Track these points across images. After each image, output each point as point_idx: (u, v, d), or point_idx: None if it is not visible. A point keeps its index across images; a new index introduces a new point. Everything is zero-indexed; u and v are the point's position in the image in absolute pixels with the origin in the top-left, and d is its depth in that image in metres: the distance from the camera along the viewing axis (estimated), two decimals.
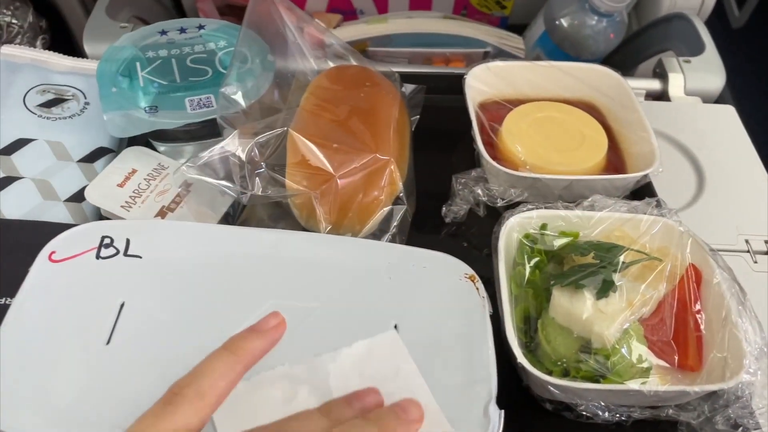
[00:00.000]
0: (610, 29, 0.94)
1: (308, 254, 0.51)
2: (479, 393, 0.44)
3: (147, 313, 0.46)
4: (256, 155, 0.53)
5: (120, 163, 0.59)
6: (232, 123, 0.55)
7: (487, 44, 0.98)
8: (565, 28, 0.94)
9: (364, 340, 0.42)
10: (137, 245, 0.49)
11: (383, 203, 0.57)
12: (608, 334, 0.47)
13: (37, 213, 0.58)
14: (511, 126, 0.65)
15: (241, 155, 0.53)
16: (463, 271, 0.51)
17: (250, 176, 0.52)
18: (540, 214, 0.55)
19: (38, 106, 0.67)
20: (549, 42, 0.98)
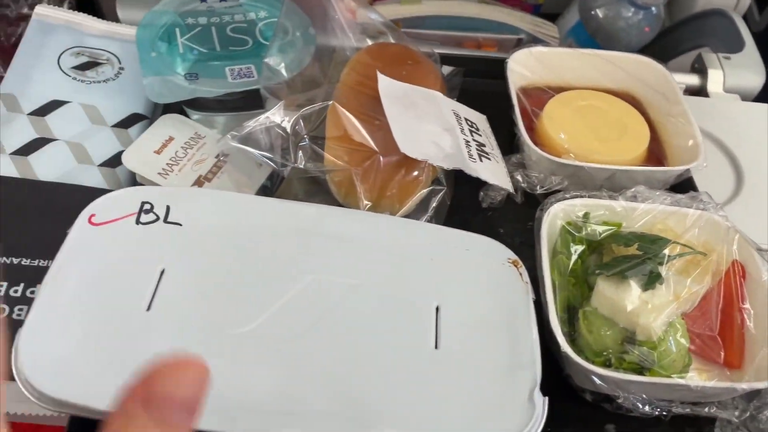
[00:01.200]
0: (645, 22, 0.93)
1: (349, 230, 0.50)
2: (524, 379, 0.43)
3: (187, 280, 0.45)
4: (300, 128, 0.52)
5: (157, 130, 0.58)
6: (276, 94, 0.54)
7: (520, 31, 0.97)
8: (600, 18, 0.93)
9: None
10: (177, 212, 0.48)
11: (423, 184, 0.56)
12: (655, 325, 0.46)
13: (71, 176, 0.57)
14: (553, 112, 0.64)
15: (285, 127, 0.52)
16: (507, 256, 0.50)
17: (293, 149, 0.51)
18: (584, 202, 0.54)
19: (72, 68, 0.66)
20: (583, 32, 0.96)
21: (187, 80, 0.58)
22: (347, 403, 0.41)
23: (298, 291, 0.46)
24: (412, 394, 0.42)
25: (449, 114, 0.60)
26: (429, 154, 0.54)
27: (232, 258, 0.47)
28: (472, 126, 0.61)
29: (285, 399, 0.40)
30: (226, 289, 0.45)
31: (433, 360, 0.44)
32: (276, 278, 0.46)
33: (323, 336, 0.44)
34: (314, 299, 0.46)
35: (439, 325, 0.46)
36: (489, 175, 0.56)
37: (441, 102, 0.60)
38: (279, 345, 0.43)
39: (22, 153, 0.58)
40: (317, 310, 0.45)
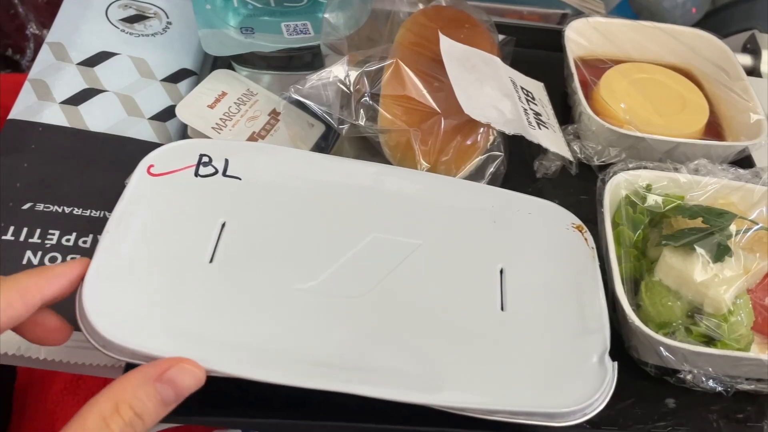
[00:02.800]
0: (691, 3, 0.91)
1: (410, 190, 0.49)
2: (594, 343, 0.42)
3: (249, 234, 0.44)
4: (363, 84, 0.51)
5: (210, 84, 0.57)
6: (338, 49, 0.52)
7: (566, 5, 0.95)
8: None
9: None
10: (236, 166, 0.47)
11: (482, 149, 0.55)
12: (726, 298, 0.45)
13: (122, 128, 0.57)
14: (611, 83, 0.62)
15: (348, 82, 0.50)
16: (570, 221, 0.49)
17: (355, 105, 0.50)
18: (648, 174, 0.53)
19: (120, 20, 0.65)
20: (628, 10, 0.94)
21: (242, 34, 0.57)
22: (414, 363, 0.40)
23: (360, 248, 0.45)
24: (480, 355, 0.41)
25: (507, 80, 0.58)
26: (491, 117, 0.52)
27: (292, 213, 0.46)
28: (528, 95, 0.60)
29: (351, 355, 0.39)
30: (288, 245, 0.44)
31: (499, 321, 0.43)
32: (337, 235, 0.45)
33: (387, 294, 0.43)
34: (377, 257, 0.45)
35: (504, 287, 0.45)
36: (548, 142, 0.55)
37: (500, 67, 0.59)
38: (344, 302, 0.42)
39: (72, 102, 0.57)
40: (380, 268, 0.44)
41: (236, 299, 0.41)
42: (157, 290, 0.40)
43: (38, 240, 0.49)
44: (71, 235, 0.50)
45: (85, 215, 0.51)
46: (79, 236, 0.50)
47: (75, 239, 0.50)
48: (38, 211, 0.51)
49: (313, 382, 0.37)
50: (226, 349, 0.38)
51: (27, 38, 1.15)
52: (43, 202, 0.51)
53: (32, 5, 1.11)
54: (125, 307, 0.39)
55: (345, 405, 0.38)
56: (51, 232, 0.50)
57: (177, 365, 0.34)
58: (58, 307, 0.42)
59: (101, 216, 0.51)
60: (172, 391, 0.34)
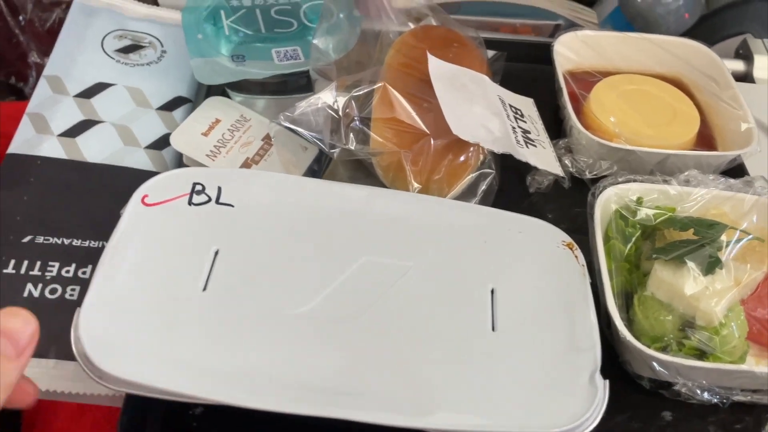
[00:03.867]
0: (684, 8, 0.91)
1: (400, 212, 0.50)
2: (584, 361, 0.42)
3: (242, 261, 0.45)
4: (351, 108, 0.51)
5: (204, 112, 0.58)
6: (326, 75, 0.53)
7: (558, 16, 0.95)
8: (639, 3, 0.91)
9: None
10: (229, 193, 0.48)
11: (472, 167, 0.55)
12: (717, 311, 0.45)
13: (119, 158, 0.57)
14: (601, 96, 0.63)
15: (337, 108, 0.51)
16: (561, 239, 0.50)
17: (345, 129, 0.51)
18: (638, 187, 0.53)
19: (116, 51, 0.66)
20: (621, 18, 0.95)
21: (234, 62, 0.58)
22: (405, 386, 0.40)
23: (352, 273, 0.45)
24: (471, 377, 0.41)
25: (496, 99, 0.59)
26: (480, 137, 0.53)
27: (284, 239, 0.47)
28: (517, 112, 0.61)
29: (343, 380, 0.40)
30: (280, 271, 0.45)
31: (491, 342, 0.43)
32: (329, 259, 0.46)
33: (379, 318, 0.43)
34: (368, 281, 0.45)
35: (495, 307, 0.45)
36: (536, 160, 0.56)
37: (488, 86, 0.59)
38: (335, 327, 0.42)
39: (69, 134, 0.58)
40: (372, 292, 0.45)
41: (229, 327, 0.41)
42: (151, 320, 0.41)
43: (39, 272, 0.50)
44: (71, 266, 0.51)
45: (84, 246, 0.52)
46: (78, 267, 0.51)
47: (74, 270, 0.50)
48: (38, 244, 0.51)
49: (306, 409, 0.38)
50: (220, 377, 0.39)
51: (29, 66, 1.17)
52: (43, 235, 0.52)
53: (33, 34, 1.13)
54: (120, 337, 0.40)
55: (339, 429, 0.39)
56: (51, 264, 0.51)
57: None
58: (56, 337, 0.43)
59: (100, 246, 0.52)
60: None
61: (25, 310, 0.34)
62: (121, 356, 0.38)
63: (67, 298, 0.49)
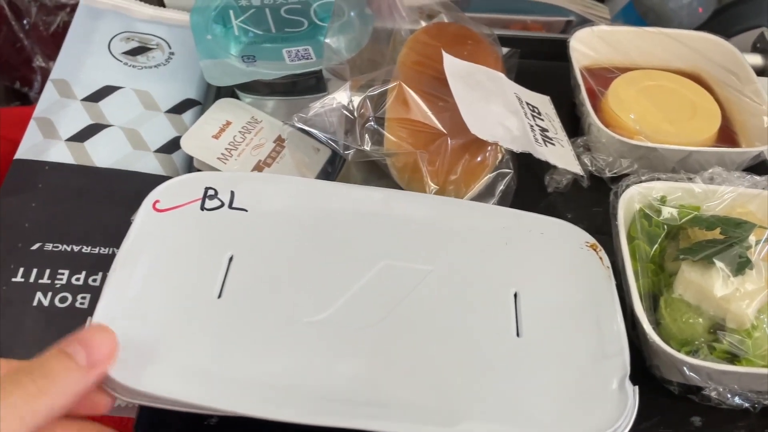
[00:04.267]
0: (698, 2, 0.89)
1: (419, 215, 0.48)
2: (613, 367, 0.41)
3: (257, 267, 0.44)
4: (367, 108, 0.50)
5: (214, 114, 0.57)
6: (340, 74, 0.52)
7: (570, 12, 0.94)
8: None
9: None
10: (242, 198, 0.47)
11: (489, 167, 0.54)
12: (748, 312, 0.43)
13: (128, 162, 0.56)
14: (619, 93, 0.61)
15: (352, 108, 0.50)
16: (585, 240, 0.48)
17: (360, 130, 0.50)
18: (662, 185, 0.52)
19: (123, 53, 0.65)
20: (633, 13, 0.93)
21: (244, 62, 0.56)
22: (430, 394, 0.39)
23: (371, 277, 0.44)
24: (498, 385, 0.40)
25: (513, 96, 0.57)
26: (498, 135, 0.52)
27: (300, 244, 0.46)
28: (534, 110, 0.59)
29: (365, 389, 0.39)
30: (297, 276, 0.44)
31: (516, 349, 0.42)
32: (347, 264, 0.45)
33: (400, 324, 0.42)
34: (388, 286, 0.44)
35: (519, 312, 0.44)
36: (556, 159, 0.54)
37: (505, 83, 0.58)
38: (355, 333, 0.41)
39: (77, 139, 0.57)
40: (392, 297, 0.43)
41: (246, 335, 0.40)
42: (166, 329, 0.40)
43: (48, 281, 0.49)
44: (81, 273, 0.50)
45: (94, 253, 0.51)
46: (89, 275, 0.50)
47: (84, 278, 0.49)
48: (47, 251, 0.50)
49: (328, 419, 0.37)
50: (237, 387, 0.38)
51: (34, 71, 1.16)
52: (52, 242, 0.51)
53: (38, 38, 1.12)
54: (134, 347, 0.38)
55: None
56: (61, 271, 0.50)
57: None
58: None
59: (110, 253, 0.51)
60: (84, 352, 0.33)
61: (110, 330, 0.36)
62: (134, 366, 0.37)
63: (77, 306, 0.48)
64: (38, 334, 0.46)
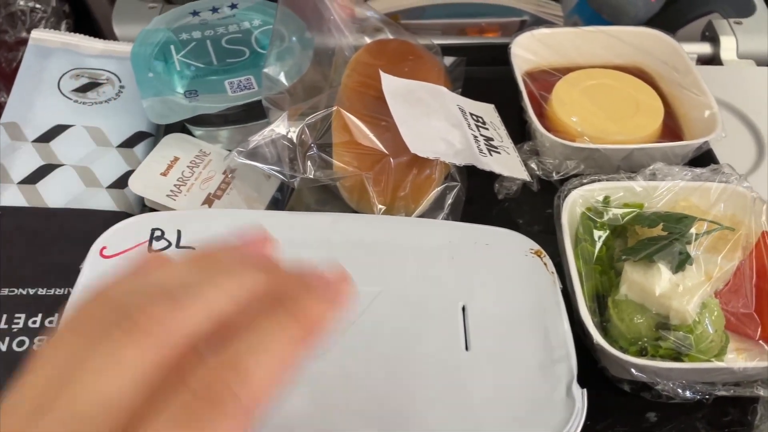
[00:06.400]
0: None
1: (366, 236, 0.49)
2: (560, 372, 0.42)
3: None
4: (307, 136, 0.51)
5: (161, 151, 0.57)
6: (278, 104, 0.53)
7: (523, 12, 0.95)
8: None
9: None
10: (189, 236, 0.47)
11: (437, 181, 0.55)
12: (689, 309, 0.44)
13: (81, 201, 0.57)
14: (562, 95, 0.62)
15: (291, 137, 0.50)
16: (529, 247, 0.49)
17: (301, 159, 0.50)
18: (603, 186, 0.53)
19: (73, 91, 0.65)
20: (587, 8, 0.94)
21: (187, 98, 0.57)
22: (381, 416, 0.40)
23: None
24: (448, 399, 0.41)
25: (455, 109, 0.58)
26: (440, 151, 0.52)
27: None
28: (478, 120, 0.60)
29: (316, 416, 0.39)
30: None
31: (465, 363, 0.43)
32: None
33: (349, 348, 0.43)
34: None
35: (467, 325, 0.45)
36: (501, 167, 0.55)
37: (446, 97, 0.59)
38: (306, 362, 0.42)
39: (29, 181, 0.57)
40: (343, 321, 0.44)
41: None
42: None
43: (5, 326, 0.49)
44: (37, 316, 0.50)
45: (50, 294, 0.51)
46: (45, 317, 0.50)
47: (41, 320, 0.50)
48: (3, 297, 0.51)
49: None
50: None
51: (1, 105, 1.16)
52: (8, 287, 0.51)
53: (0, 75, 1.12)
54: None
55: None
56: (17, 315, 0.50)
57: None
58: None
59: (66, 293, 0.51)
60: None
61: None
62: None
63: (35, 349, 0.48)
64: None
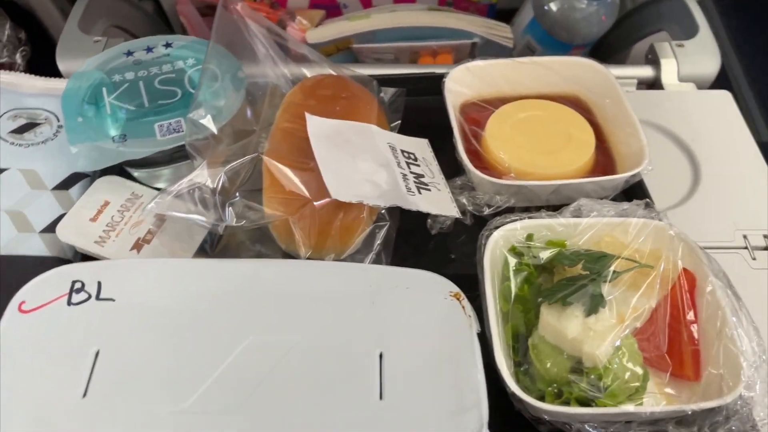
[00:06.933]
0: (602, 11, 0.91)
1: (287, 283, 0.50)
2: (470, 420, 0.42)
3: (123, 360, 0.45)
4: (226, 184, 0.51)
5: (92, 196, 0.58)
6: (200, 151, 0.53)
7: (474, 35, 0.95)
8: (555, 12, 0.91)
9: None
10: (109, 287, 0.48)
11: (365, 222, 0.55)
12: (599, 353, 0.45)
13: (13, 246, 0.57)
14: (494, 130, 0.63)
15: (210, 186, 0.51)
16: (448, 290, 0.50)
17: (222, 207, 0.51)
18: (524, 225, 0.53)
19: (10, 132, 0.65)
20: (539, 28, 0.95)
21: (115, 143, 0.57)
22: None
23: (236, 356, 0.45)
24: None
25: (385, 148, 0.59)
26: (364, 194, 0.53)
27: (168, 330, 0.46)
28: (409, 157, 0.60)
29: None
30: (163, 365, 0.45)
31: (378, 412, 0.43)
32: (214, 345, 0.46)
33: (265, 401, 0.43)
34: (254, 362, 0.45)
35: (383, 373, 0.45)
36: (429, 205, 0.55)
37: (376, 135, 0.59)
38: (219, 418, 0.42)
39: None
40: (257, 373, 0.44)
41: None
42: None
43: None
44: None
45: None
46: None
47: None
48: None
49: None
50: None
51: None
52: None
53: None
54: None
55: None
56: None
57: None
58: None
59: None
60: None
61: None
62: None
63: None
64: None
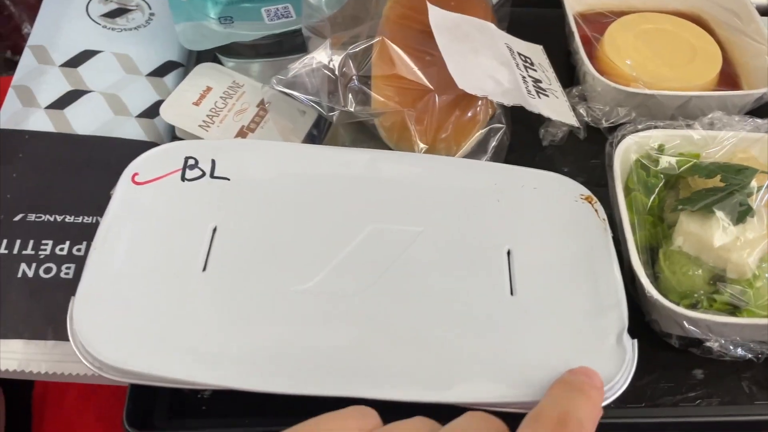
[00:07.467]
0: None
1: (407, 175, 0.47)
2: (610, 321, 0.40)
3: (241, 237, 0.42)
4: (349, 67, 0.48)
5: (194, 80, 0.55)
6: (320, 32, 0.50)
7: None
8: None
9: None
10: (223, 166, 0.45)
11: (481, 123, 0.52)
12: (749, 262, 0.42)
13: (109, 128, 0.55)
14: (615, 38, 0.59)
15: (333, 67, 0.48)
16: (579, 192, 0.47)
17: (342, 91, 0.48)
18: (659, 134, 0.50)
19: (102, 16, 0.62)
20: None
21: (221, 24, 0.54)
22: (424, 358, 0.38)
23: (359, 242, 0.43)
24: (492, 345, 0.39)
25: (503, 47, 0.55)
26: (487, 89, 0.50)
27: (285, 211, 0.44)
28: (526, 60, 0.57)
29: (357, 356, 0.38)
30: (283, 245, 0.42)
31: (510, 307, 0.41)
32: (334, 230, 0.43)
33: (390, 288, 0.41)
34: (377, 250, 0.43)
35: (512, 270, 0.43)
36: (550, 111, 0.52)
37: (494, 34, 0.55)
38: (345, 301, 0.40)
39: (57, 106, 0.55)
40: (381, 261, 0.42)
41: (233, 308, 0.39)
42: (150, 306, 0.39)
43: (32, 251, 0.48)
44: (65, 243, 0.48)
45: (78, 222, 0.50)
46: (72, 244, 0.48)
47: (69, 248, 0.48)
48: (30, 222, 0.49)
49: (320, 389, 0.36)
50: (226, 361, 0.37)
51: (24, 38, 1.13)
52: (35, 212, 0.50)
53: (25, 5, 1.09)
54: (119, 326, 0.38)
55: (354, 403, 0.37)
56: (44, 242, 0.48)
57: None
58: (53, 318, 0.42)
59: (94, 221, 0.50)
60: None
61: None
62: (121, 346, 0.37)
63: (62, 276, 0.47)
64: (23, 305, 0.45)
